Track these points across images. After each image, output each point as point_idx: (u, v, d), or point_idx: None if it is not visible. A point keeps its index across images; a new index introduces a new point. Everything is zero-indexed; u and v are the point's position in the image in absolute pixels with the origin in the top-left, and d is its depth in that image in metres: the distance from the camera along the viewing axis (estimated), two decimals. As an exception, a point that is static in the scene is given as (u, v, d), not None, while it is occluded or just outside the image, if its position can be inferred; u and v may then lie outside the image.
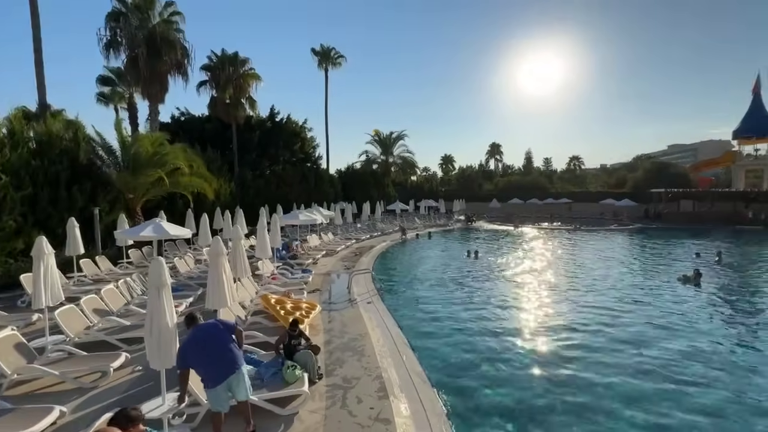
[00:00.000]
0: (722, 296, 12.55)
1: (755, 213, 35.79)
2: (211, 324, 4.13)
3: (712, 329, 9.41)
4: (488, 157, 79.36)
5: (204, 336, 3.95)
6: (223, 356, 3.89)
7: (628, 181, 51.88)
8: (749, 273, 16.78)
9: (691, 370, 6.99)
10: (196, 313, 4.40)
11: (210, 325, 4.12)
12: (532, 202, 45.97)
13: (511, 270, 16.31)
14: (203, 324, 4.12)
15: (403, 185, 47.83)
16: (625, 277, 15.29)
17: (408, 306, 11.06)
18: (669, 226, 34.85)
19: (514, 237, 28.97)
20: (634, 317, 10.09)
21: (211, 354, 3.86)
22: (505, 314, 10.25)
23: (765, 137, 41.04)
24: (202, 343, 3.89)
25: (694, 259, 18.53)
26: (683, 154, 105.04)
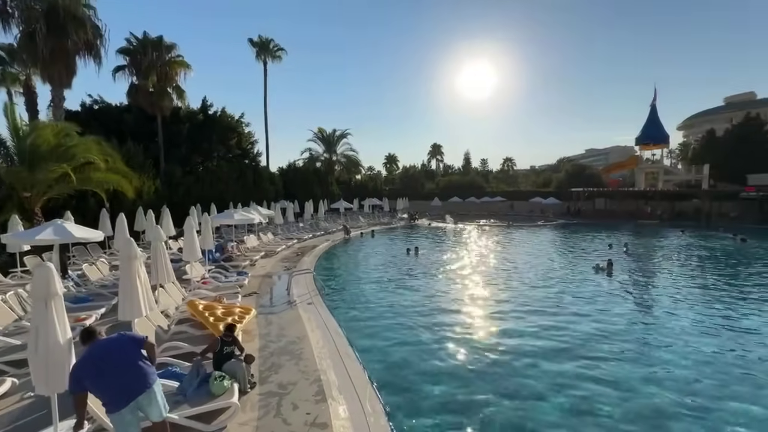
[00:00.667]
0: (630, 281, 14.26)
1: (653, 209, 41.50)
2: (113, 339, 3.58)
3: (622, 311, 10.59)
4: (430, 157, 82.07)
5: (101, 353, 3.40)
6: (126, 374, 3.38)
7: (553, 181, 56.99)
8: (651, 260, 19.33)
9: (605, 347, 7.78)
10: (96, 327, 3.80)
11: (110, 340, 3.56)
12: (471, 201, 48.43)
13: (449, 265, 16.91)
14: (102, 340, 3.55)
15: (347, 184, 47.50)
16: (551, 267, 16.68)
17: (350, 305, 10.90)
18: (587, 221, 38.99)
19: (453, 233, 30.22)
20: (558, 303, 11.00)
21: (112, 373, 3.33)
22: (444, 308, 10.52)
23: (660, 144, 47.65)
24: (99, 362, 3.33)
25: (608, 250, 20.85)
26: (597, 157, 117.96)
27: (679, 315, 10.28)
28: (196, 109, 32.01)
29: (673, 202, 42.62)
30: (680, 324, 9.52)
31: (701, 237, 27.54)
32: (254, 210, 19.64)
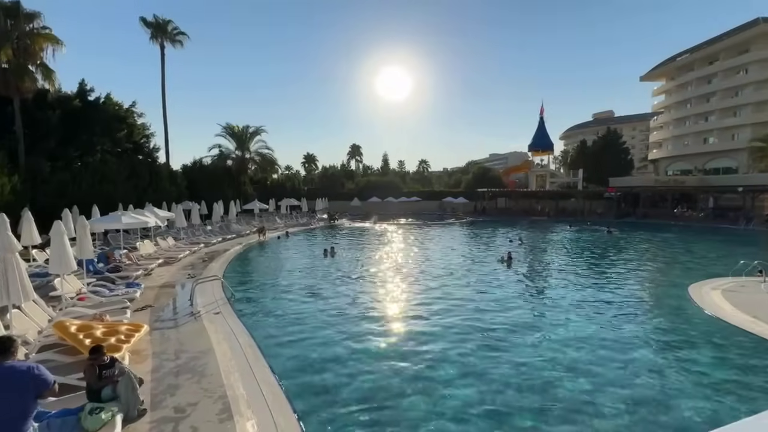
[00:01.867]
0: (525, 271, 16.14)
1: (542, 207, 47.86)
2: None
3: (520, 294, 11.92)
4: (349, 157, 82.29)
5: None
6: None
7: (463, 182, 61.85)
8: (541, 251, 22.22)
9: (507, 331, 8.63)
10: None
11: None
12: (389, 201, 49.85)
13: (367, 264, 17.11)
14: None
15: (262, 184, 44.95)
16: (461, 261, 18.02)
17: (263, 312, 10.24)
18: (491, 219, 43.22)
19: (372, 233, 30.74)
20: (467, 293, 11.91)
21: None
22: (361, 308, 10.52)
23: (547, 151, 55.12)
24: None
25: (509, 244, 23.34)
26: (499, 161, 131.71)
27: (564, 294, 11.97)
28: (71, 93, 27.04)
29: (557, 200, 49.70)
30: (565, 301, 11.08)
31: (581, 230, 32.62)
32: (150, 212, 17.30)
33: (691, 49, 58.06)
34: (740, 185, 39.34)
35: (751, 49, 50.52)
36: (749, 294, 10.68)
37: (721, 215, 38.35)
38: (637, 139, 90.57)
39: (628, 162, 58.80)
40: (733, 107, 52.53)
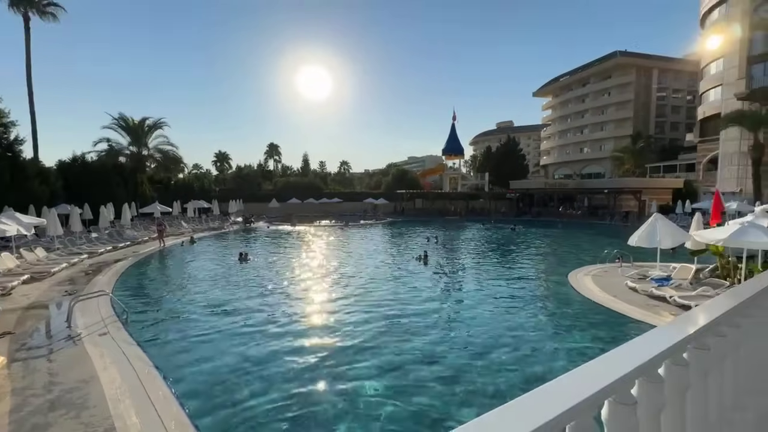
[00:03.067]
0: (441, 268, 17.23)
1: (455, 207, 51.66)
2: None
3: (436, 288, 12.70)
4: (267, 157, 78.36)
5: None
6: None
7: (383, 184, 63.55)
8: (455, 248, 23.96)
9: (423, 323, 9.12)
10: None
11: None
12: (310, 202, 48.79)
13: (284, 269, 16.53)
14: None
15: (164, 184, 40.24)
16: (381, 261, 18.49)
17: (162, 329, 9.18)
18: (409, 219, 45.19)
19: (291, 236, 29.76)
20: (387, 290, 12.27)
21: None
22: (277, 316, 10.08)
23: (458, 155, 59.65)
24: None
25: (426, 243, 24.66)
26: (417, 164, 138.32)
27: (473, 285, 13.10)
28: None
29: (467, 201, 54.13)
30: (474, 289, 12.13)
31: (488, 228, 35.99)
32: (9, 218, 14.22)
33: (570, 72, 68.42)
34: (605, 188, 47.59)
35: (612, 75, 61.53)
36: (610, 278, 12.99)
37: (593, 213, 45.92)
38: (532, 146, 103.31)
39: (525, 167, 66.82)
40: (600, 123, 63.32)
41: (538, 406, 0.79)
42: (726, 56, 38.55)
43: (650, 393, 1.07)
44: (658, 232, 11.30)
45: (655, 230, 11.37)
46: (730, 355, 1.46)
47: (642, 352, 1.05)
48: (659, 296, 10.29)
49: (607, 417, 0.97)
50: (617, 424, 0.96)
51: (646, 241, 11.55)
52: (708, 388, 1.34)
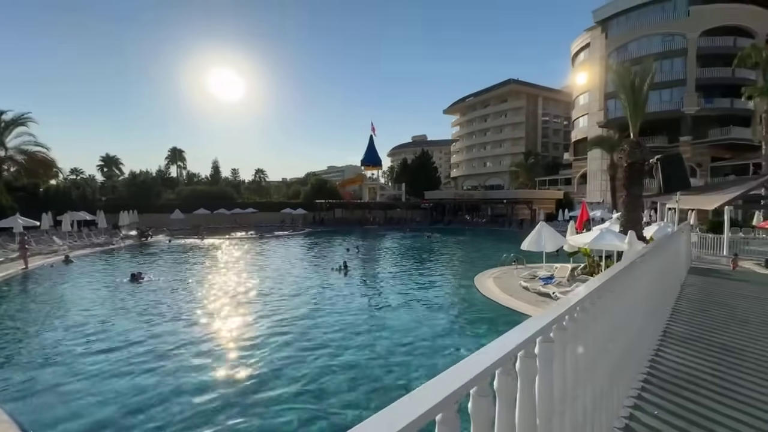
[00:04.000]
0: (362, 277, 17.46)
1: (373, 217, 52.91)
2: None
3: (357, 299, 12.82)
4: (169, 162, 70.44)
5: None
6: None
7: (302, 193, 62.06)
8: (374, 256, 24.49)
9: (344, 335, 9.14)
10: None
11: None
12: (221, 212, 45.24)
13: (187, 289, 15.02)
14: None
15: (30, 192, 33.43)
16: (300, 273, 18.01)
17: (24, 371, 7.61)
18: (329, 229, 44.86)
19: (199, 250, 27.19)
20: (305, 304, 12.00)
21: None
22: (177, 345, 9.13)
23: (376, 166, 61.43)
24: None
25: (347, 253, 24.73)
26: (337, 173, 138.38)
27: (393, 291, 13.56)
28: None
29: (386, 211, 55.91)
30: (395, 299, 12.57)
31: (404, 237, 37.56)
32: None
33: (474, 94, 76.05)
34: (504, 198, 53.69)
35: (507, 99, 70.07)
36: (508, 279, 14.69)
37: (495, 221, 51.33)
38: (443, 160, 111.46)
39: (438, 179, 71.72)
40: (499, 140, 71.37)
41: (414, 403, 0.95)
42: (590, 91, 47.02)
43: (507, 383, 1.33)
44: (543, 237, 13.21)
45: (541, 236, 13.27)
46: (569, 345, 1.87)
47: (500, 348, 1.31)
48: (545, 293, 11.99)
49: (471, 407, 1.19)
50: (479, 414, 1.19)
51: (534, 246, 13.39)
52: (554, 372, 1.70)
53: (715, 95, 38.21)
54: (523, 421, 1.46)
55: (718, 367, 3.71)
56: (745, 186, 19.03)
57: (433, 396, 0.98)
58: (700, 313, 5.66)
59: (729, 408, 2.97)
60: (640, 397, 3.10)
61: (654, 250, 4.47)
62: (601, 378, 2.37)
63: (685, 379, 3.45)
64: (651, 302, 4.23)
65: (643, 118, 13.31)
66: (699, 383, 3.37)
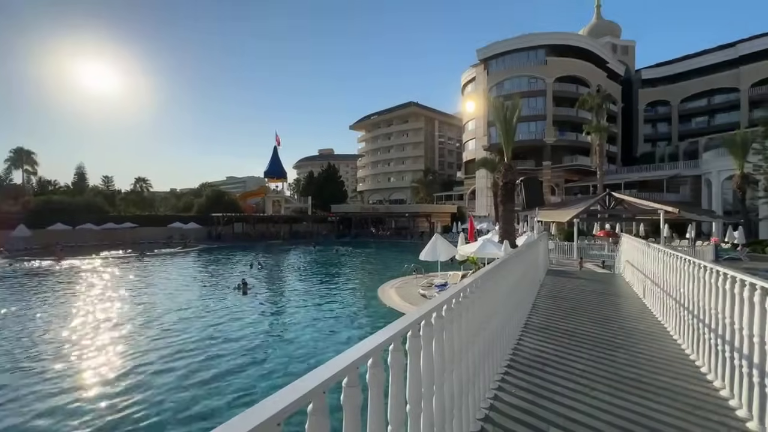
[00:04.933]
0: (265, 296, 16.48)
1: (278, 231, 50.70)
2: None
3: (256, 319, 12.04)
4: (10, 166, 56.52)
5: None
6: None
7: (195, 205, 56.10)
8: (279, 272, 23.38)
9: (243, 359, 8.50)
10: None
11: None
12: (86, 228, 38.00)
13: (33, 326, 12.32)
14: None
15: None
16: (191, 296, 16.18)
17: None
18: (227, 245, 41.33)
19: (54, 275, 22.33)
20: (198, 330, 10.82)
21: None
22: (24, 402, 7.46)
23: (281, 178, 59.33)
24: None
25: (249, 270, 23.12)
26: (236, 184, 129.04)
27: (298, 307, 13.13)
28: None
29: (291, 224, 54.13)
30: (300, 315, 12.17)
31: (306, 252, 36.77)
32: None
33: (379, 112, 79.85)
34: (407, 212, 57.05)
35: (409, 120, 75.35)
36: (409, 288, 15.62)
37: (398, 233, 54.04)
38: (350, 174, 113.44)
39: (344, 192, 72.56)
40: (402, 158, 75.96)
41: (290, 392, 1.07)
42: (476, 118, 53.66)
43: (376, 375, 1.52)
44: (437, 248, 14.49)
45: (436, 247, 14.54)
46: (437, 337, 2.20)
47: (370, 344, 1.50)
48: (440, 299, 13.09)
49: (342, 398, 1.35)
50: (348, 402, 1.35)
51: (430, 256, 14.58)
52: (423, 361, 1.98)
53: (566, 129, 47.36)
54: (395, 407, 1.69)
55: (561, 349, 4.62)
56: (587, 203, 23.94)
57: (307, 385, 1.12)
58: (552, 305, 6.94)
59: (567, 381, 3.73)
60: (504, 380, 3.69)
61: (514, 257, 5.38)
62: (469, 365, 2.79)
63: (537, 361, 4.22)
64: (515, 299, 5.06)
65: (514, 144, 15.85)
66: (547, 363, 4.15)
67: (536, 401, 3.28)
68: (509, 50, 49.18)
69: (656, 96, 53.48)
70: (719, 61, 47.87)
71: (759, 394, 2.79)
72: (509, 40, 49.23)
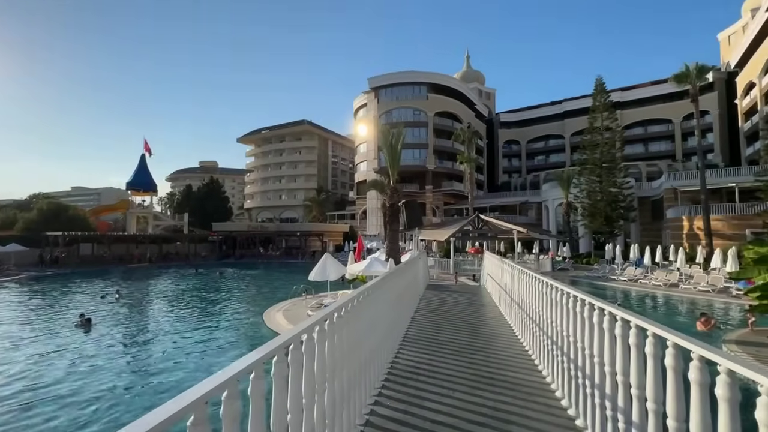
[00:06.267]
0: (116, 332, 13.68)
1: (146, 252, 43.33)
2: None
3: (106, 364, 9.88)
4: None
5: None
6: None
7: (20, 221, 43.90)
8: (143, 302, 19.77)
9: (85, 406, 6.84)
10: None
11: None
12: None
13: None
14: None
15: None
16: (7, 342, 12.44)
17: None
18: (68, 271, 33.27)
19: None
20: (30, 375, 8.33)
21: None
22: None
23: (149, 191, 51.28)
24: None
25: (101, 301, 19.02)
26: (87, 197, 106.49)
27: (163, 340, 11.27)
28: None
29: (161, 245, 46.96)
30: (166, 350, 10.43)
31: (186, 276, 32.32)
32: None
33: (270, 127, 77.01)
34: (298, 231, 55.59)
35: (302, 138, 74.55)
36: (297, 310, 15.11)
37: (289, 253, 52.03)
38: (237, 189, 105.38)
39: (229, 209, 66.81)
40: (294, 175, 74.25)
41: (172, 405, 1.10)
42: (367, 142, 56.40)
43: (257, 386, 1.58)
44: (327, 267, 14.47)
45: (326, 267, 14.51)
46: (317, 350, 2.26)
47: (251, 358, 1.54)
48: (329, 319, 13.01)
49: (221, 410, 1.37)
50: (228, 413, 1.37)
51: (320, 276, 14.45)
52: (305, 373, 2.05)
53: (444, 158, 53.51)
54: (278, 416, 1.77)
55: (432, 358, 5.11)
56: (461, 223, 27.27)
57: (189, 397, 1.16)
58: (428, 318, 7.64)
59: (434, 386, 4.13)
60: (380, 394, 3.89)
61: (392, 274, 5.81)
62: (349, 375, 2.89)
63: (411, 371, 4.57)
64: (393, 315, 5.43)
65: (400, 169, 17.22)
66: (419, 372, 4.54)
67: (408, 410, 3.55)
68: (397, 83, 53.75)
69: (511, 136, 65.06)
70: (551, 114, 61.34)
71: (567, 377, 3.59)
72: (397, 74, 53.89)
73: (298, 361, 2.04)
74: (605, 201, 33.36)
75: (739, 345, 9.51)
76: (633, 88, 54.15)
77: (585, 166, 35.62)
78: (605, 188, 33.74)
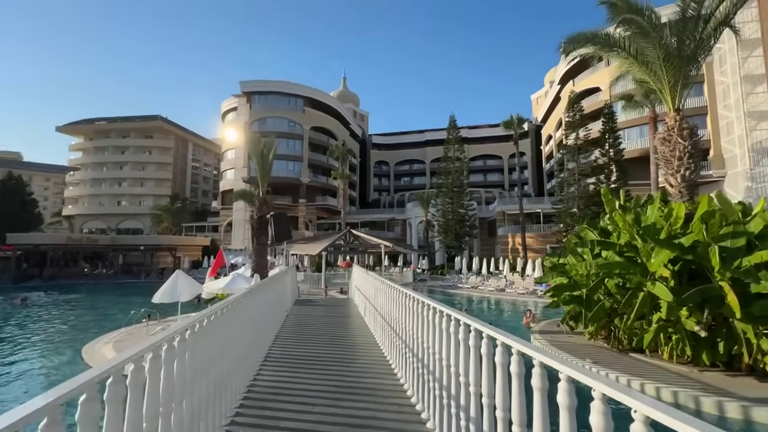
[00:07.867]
0: None
1: None
2: None
3: None
4: None
5: None
6: None
7: None
8: None
9: None
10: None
11: None
12: None
13: None
14: None
15: None
16: None
17: None
18: None
19: None
20: None
21: None
22: None
23: None
24: None
25: None
26: None
27: None
28: None
29: None
30: None
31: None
32: None
33: (109, 119, 63.57)
34: (143, 244, 46.80)
35: (154, 136, 63.88)
36: (135, 339, 12.53)
37: (128, 270, 43.13)
38: (52, 191, 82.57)
39: (37, 216, 51.62)
40: (141, 179, 62.70)
41: None
42: (236, 149, 52.22)
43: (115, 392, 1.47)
44: (178, 287, 12.53)
45: (176, 286, 12.53)
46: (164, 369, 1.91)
47: None
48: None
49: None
50: None
51: (168, 297, 12.38)
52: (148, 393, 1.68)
53: (318, 173, 53.71)
54: None
55: (295, 375, 4.94)
56: (333, 238, 27.59)
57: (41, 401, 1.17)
58: (294, 334, 7.39)
59: (295, 404, 3.98)
60: (232, 423, 3.54)
61: (255, 290, 5.45)
62: (192, 407, 2.53)
63: (272, 391, 4.31)
64: (254, 332, 5.05)
65: (273, 180, 16.44)
66: (281, 392, 4.31)
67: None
68: (273, 91, 51.82)
69: (381, 157, 70.07)
70: (415, 141, 68.92)
71: (418, 378, 3.96)
72: (273, 82, 52.04)
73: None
74: (455, 220, 38.91)
75: (542, 334, 12.26)
76: (476, 128, 65.66)
77: (441, 189, 40.98)
78: (455, 209, 39.42)
